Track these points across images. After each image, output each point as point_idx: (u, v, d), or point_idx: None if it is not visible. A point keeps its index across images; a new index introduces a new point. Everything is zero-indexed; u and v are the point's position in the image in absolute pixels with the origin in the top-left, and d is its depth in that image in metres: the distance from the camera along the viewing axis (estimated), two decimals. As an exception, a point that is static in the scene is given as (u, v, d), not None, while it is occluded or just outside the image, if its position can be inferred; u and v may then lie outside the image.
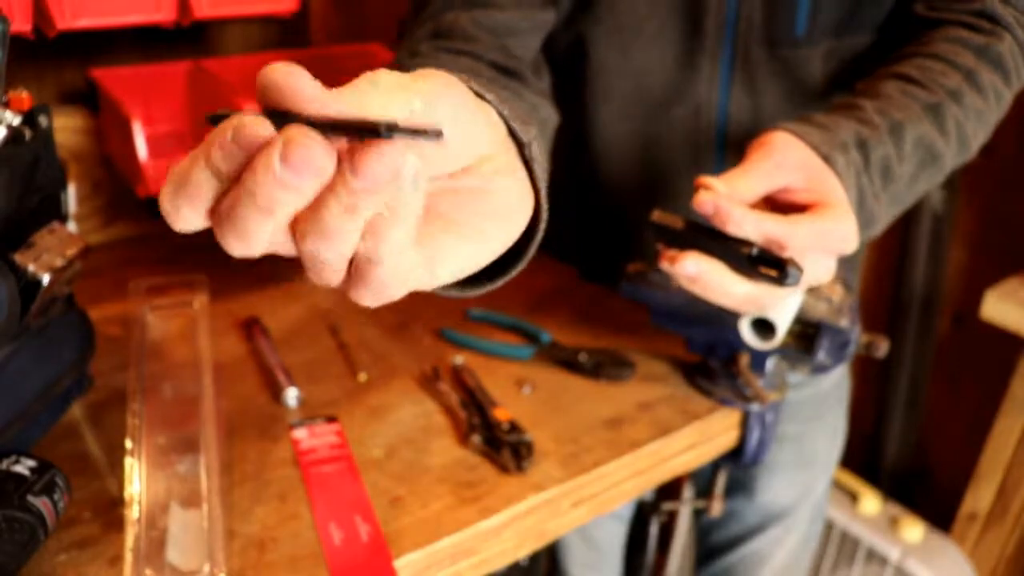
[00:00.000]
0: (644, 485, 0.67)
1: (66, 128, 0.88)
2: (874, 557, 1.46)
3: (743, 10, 0.71)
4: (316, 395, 0.69)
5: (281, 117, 0.29)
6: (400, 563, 0.53)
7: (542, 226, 0.41)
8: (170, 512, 0.54)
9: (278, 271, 0.88)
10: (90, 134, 0.90)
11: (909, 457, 1.64)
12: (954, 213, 1.47)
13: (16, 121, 0.56)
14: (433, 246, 0.34)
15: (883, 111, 0.60)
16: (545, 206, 0.41)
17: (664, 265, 0.52)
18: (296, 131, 0.27)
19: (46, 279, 0.54)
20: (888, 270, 1.57)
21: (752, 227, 0.50)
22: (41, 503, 0.51)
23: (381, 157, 0.28)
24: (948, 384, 1.56)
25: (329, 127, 0.28)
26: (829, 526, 1.50)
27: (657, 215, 0.53)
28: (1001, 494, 1.37)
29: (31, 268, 0.53)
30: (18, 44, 0.68)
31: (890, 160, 0.59)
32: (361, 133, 0.28)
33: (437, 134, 0.28)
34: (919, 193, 0.64)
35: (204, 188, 0.30)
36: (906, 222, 1.50)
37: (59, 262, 0.54)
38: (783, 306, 0.63)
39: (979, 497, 1.40)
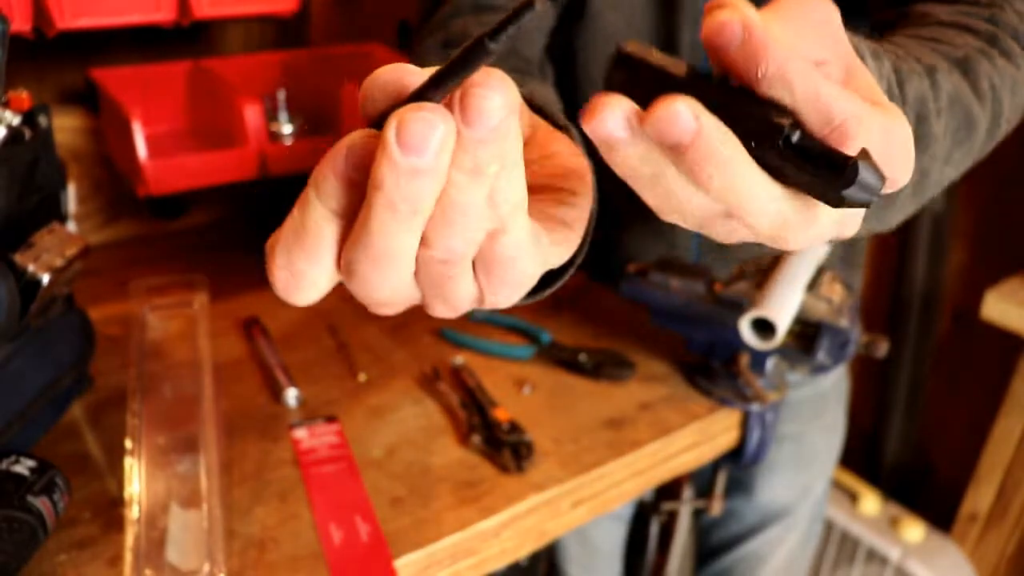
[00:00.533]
0: (644, 485, 0.67)
1: (66, 128, 0.88)
2: (874, 557, 1.46)
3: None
4: (316, 395, 0.69)
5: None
6: (400, 563, 0.53)
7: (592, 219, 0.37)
8: (170, 512, 0.54)
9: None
10: (90, 134, 0.90)
11: (909, 457, 1.64)
12: (954, 213, 1.47)
13: (16, 121, 0.56)
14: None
15: (906, 53, 0.47)
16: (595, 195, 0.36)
17: (627, 119, 0.27)
18: (401, 110, 0.24)
19: (46, 279, 0.54)
20: (888, 270, 1.57)
21: (803, 86, 0.27)
22: (41, 503, 0.51)
23: (486, 92, 0.24)
24: (948, 384, 1.56)
25: (433, 86, 0.25)
26: (829, 526, 1.50)
27: (633, 46, 0.30)
28: (1001, 494, 1.37)
29: (31, 268, 0.53)
30: (18, 44, 0.68)
31: (927, 103, 0.45)
32: (467, 63, 0.25)
33: (539, 3, 0.24)
34: (943, 182, 0.51)
35: (325, 232, 0.27)
36: (906, 222, 1.49)
37: (59, 262, 0.54)
38: (791, 285, 0.60)
39: (979, 497, 1.40)
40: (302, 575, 0.51)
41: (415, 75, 0.26)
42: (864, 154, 0.27)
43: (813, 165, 0.27)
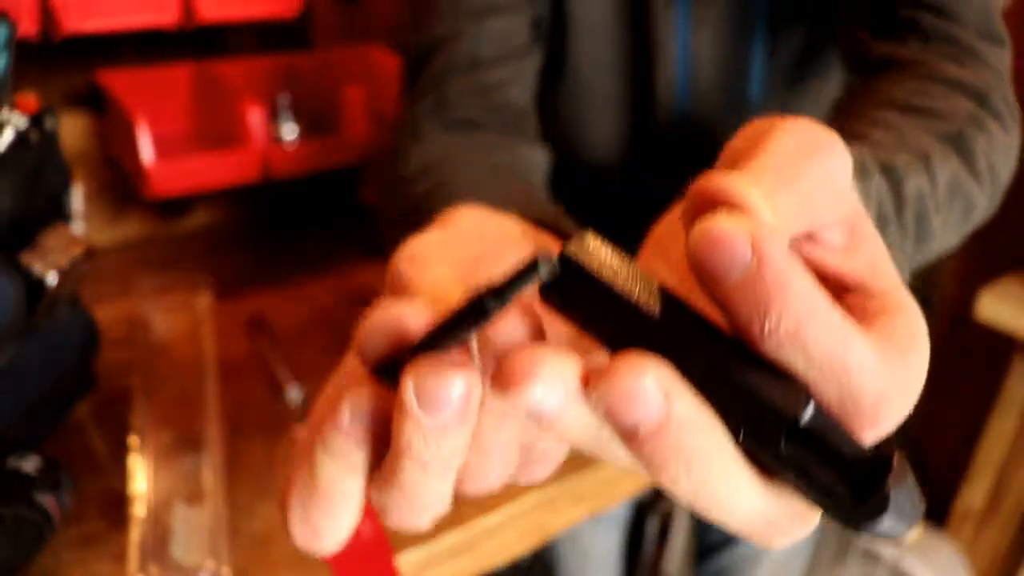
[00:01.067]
0: (642, 483, 0.67)
1: (72, 130, 0.89)
2: (869, 554, 1.47)
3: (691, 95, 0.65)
4: (319, 393, 0.69)
5: (392, 369, 0.22)
6: (401, 559, 0.54)
7: None
8: (175, 509, 0.55)
9: (281, 271, 0.89)
10: (95, 136, 0.91)
11: (904, 454, 1.65)
12: (950, 214, 1.48)
13: (23, 124, 0.57)
14: None
15: (897, 139, 0.42)
16: None
17: (565, 388, 0.19)
18: (416, 364, 0.21)
19: (52, 279, 0.54)
20: (885, 270, 1.58)
21: (825, 351, 0.19)
22: (47, 501, 0.52)
23: (524, 381, 0.19)
24: (943, 383, 1.57)
25: (434, 340, 0.21)
26: (824, 523, 1.51)
27: (577, 246, 0.21)
28: (995, 491, 1.38)
29: (37, 268, 0.54)
30: (24, 47, 0.69)
31: (925, 200, 0.40)
32: (466, 323, 0.21)
33: (543, 266, 0.19)
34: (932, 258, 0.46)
35: (341, 487, 0.24)
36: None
37: (65, 262, 0.55)
38: None
39: (974, 494, 1.41)
40: (304, 572, 0.52)
41: (413, 318, 0.22)
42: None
43: (827, 470, 0.19)
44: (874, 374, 0.19)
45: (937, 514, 1.49)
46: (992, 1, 0.53)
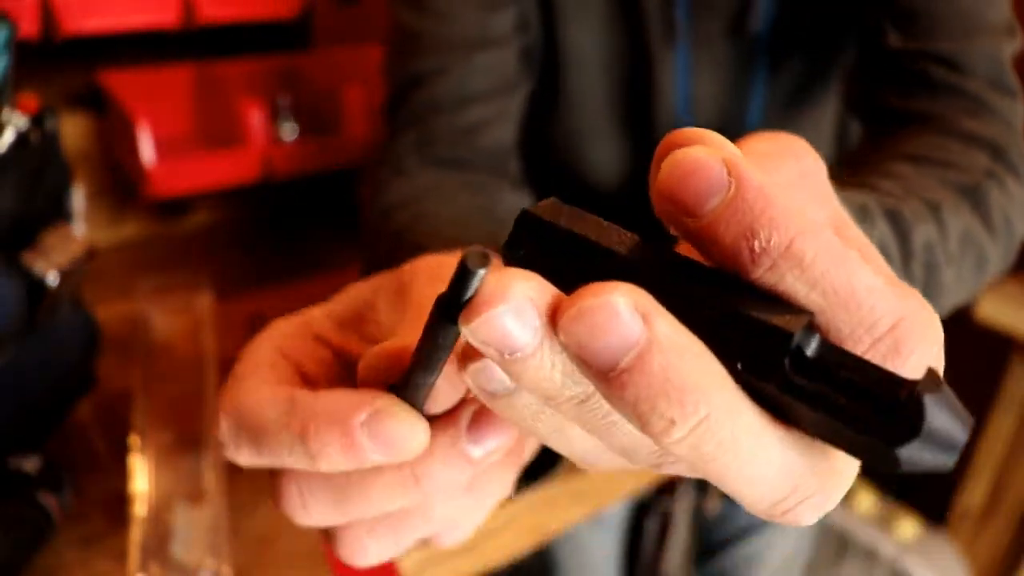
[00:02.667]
0: (642, 483, 0.68)
1: (73, 131, 0.89)
2: (868, 554, 1.47)
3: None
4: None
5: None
6: (401, 559, 0.54)
7: None
8: (175, 509, 0.55)
9: (281, 271, 0.89)
10: (96, 136, 0.91)
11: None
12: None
13: (23, 124, 0.57)
14: None
15: (906, 188, 0.40)
16: None
17: (535, 317, 0.16)
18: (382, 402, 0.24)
19: (52, 279, 0.54)
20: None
21: (829, 269, 0.17)
22: (48, 500, 0.52)
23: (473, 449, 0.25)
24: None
25: (416, 369, 0.23)
26: (823, 523, 1.51)
27: (546, 205, 0.19)
28: (995, 491, 1.38)
29: (38, 268, 0.54)
30: (25, 48, 0.69)
31: (935, 251, 0.38)
32: (441, 346, 0.20)
33: (471, 257, 0.17)
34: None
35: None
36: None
37: (66, 263, 0.55)
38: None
39: (973, 494, 1.41)
40: (305, 571, 0.52)
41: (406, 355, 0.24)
42: (932, 379, 0.15)
43: (845, 396, 0.16)
44: (885, 295, 0.17)
45: (937, 514, 1.49)
46: (1002, 52, 0.52)
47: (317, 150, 0.89)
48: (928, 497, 1.59)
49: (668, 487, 0.83)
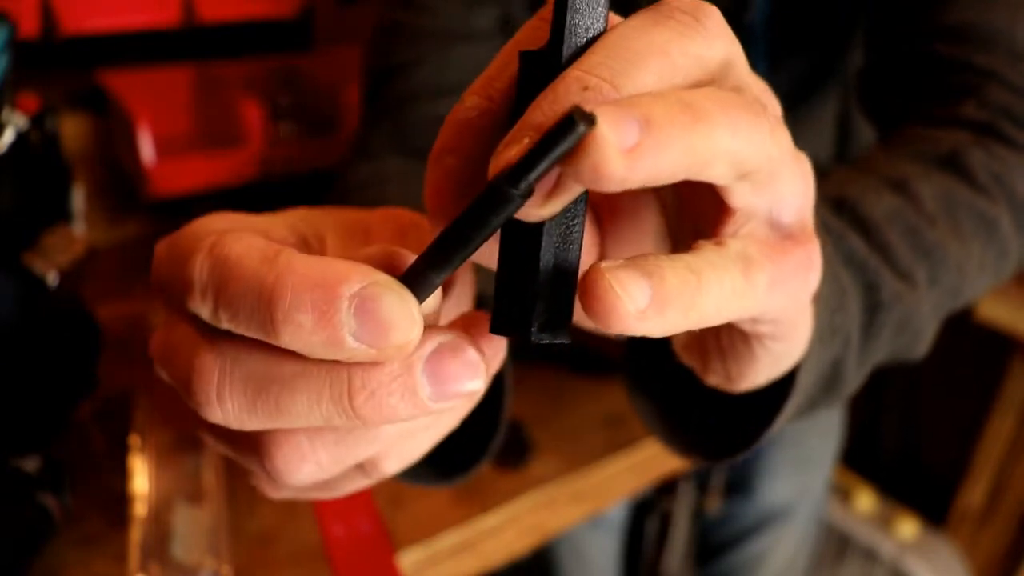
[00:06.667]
0: (642, 482, 0.68)
1: (72, 130, 0.89)
2: (869, 554, 1.47)
3: None
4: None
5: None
6: (401, 559, 0.54)
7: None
8: (175, 509, 0.55)
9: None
10: (96, 136, 0.91)
11: (903, 454, 1.65)
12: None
13: (24, 124, 0.57)
14: None
15: (864, 170, 0.40)
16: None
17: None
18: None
19: (53, 279, 0.54)
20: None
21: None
22: (48, 500, 0.52)
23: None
24: (943, 383, 1.57)
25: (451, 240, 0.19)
26: (824, 524, 1.51)
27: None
28: (994, 491, 1.38)
29: (38, 268, 0.54)
30: (25, 48, 0.69)
31: (904, 215, 0.38)
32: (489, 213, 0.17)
33: (581, 122, 0.16)
34: (979, 289, 0.43)
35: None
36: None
37: (66, 263, 0.55)
38: None
39: (973, 494, 1.41)
40: (305, 571, 0.52)
41: (406, 259, 0.21)
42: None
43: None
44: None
45: (936, 514, 1.49)
46: (1018, 21, 0.48)
47: (317, 150, 0.89)
48: (928, 497, 1.59)
49: (668, 487, 0.83)
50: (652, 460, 0.67)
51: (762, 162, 0.20)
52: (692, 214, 0.25)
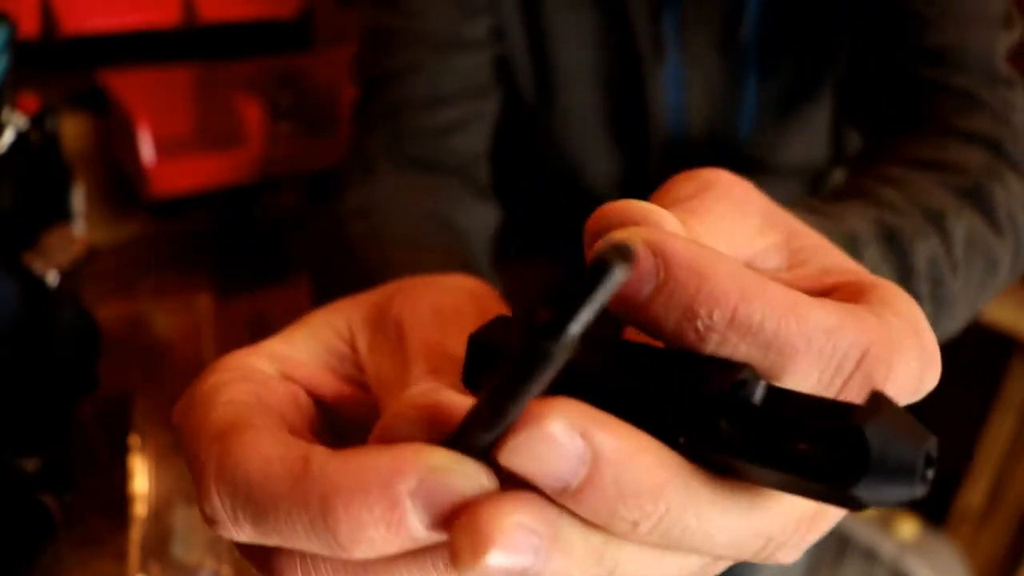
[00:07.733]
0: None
1: (73, 130, 0.89)
2: (869, 554, 1.47)
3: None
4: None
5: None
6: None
7: None
8: (175, 509, 0.55)
9: (281, 271, 0.89)
10: (97, 136, 0.91)
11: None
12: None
13: (24, 124, 0.57)
14: None
15: (906, 198, 0.39)
16: None
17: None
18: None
19: (52, 279, 0.55)
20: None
21: (790, 317, 0.17)
22: (49, 500, 0.52)
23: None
24: (943, 383, 1.57)
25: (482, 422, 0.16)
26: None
27: (493, 324, 0.20)
28: (995, 492, 1.39)
29: (38, 268, 0.54)
30: (25, 48, 0.69)
31: (938, 265, 0.37)
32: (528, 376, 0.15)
33: (618, 265, 0.14)
34: (962, 323, 0.42)
35: None
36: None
37: (66, 263, 0.55)
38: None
39: (973, 494, 1.41)
40: (305, 570, 0.52)
41: (452, 410, 0.18)
42: (874, 404, 0.14)
43: (793, 442, 0.15)
44: (844, 331, 0.17)
45: (936, 514, 1.49)
46: (996, 44, 0.51)
47: (317, 150, 0.89)
48: (928, 497, 1.59)
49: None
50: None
51: None
52: None
